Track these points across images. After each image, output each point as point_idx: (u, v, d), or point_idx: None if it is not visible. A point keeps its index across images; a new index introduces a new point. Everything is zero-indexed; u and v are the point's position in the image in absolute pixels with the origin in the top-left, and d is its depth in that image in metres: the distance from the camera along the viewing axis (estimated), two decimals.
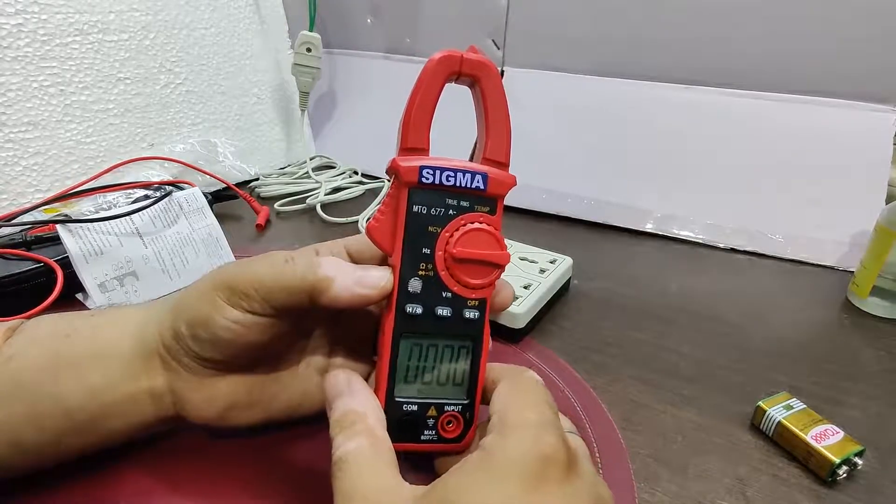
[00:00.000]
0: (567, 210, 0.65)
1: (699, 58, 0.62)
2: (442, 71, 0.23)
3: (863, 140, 0.56)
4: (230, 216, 0.63)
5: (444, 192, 0.23)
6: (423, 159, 0.23)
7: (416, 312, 0.23)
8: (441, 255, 0.23)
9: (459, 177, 0.23)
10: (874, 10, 0.53)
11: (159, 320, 0.26)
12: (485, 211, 0.24)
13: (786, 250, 0.56)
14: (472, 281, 0.24)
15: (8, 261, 0.43)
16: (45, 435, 0.25)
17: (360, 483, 0.20)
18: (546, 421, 0.20)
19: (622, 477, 0.30)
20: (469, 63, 0.23)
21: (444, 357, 0.24)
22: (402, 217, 0.23)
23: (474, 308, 0.24)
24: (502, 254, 0.24)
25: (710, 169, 0.61)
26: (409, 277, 0.23)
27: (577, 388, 0.37)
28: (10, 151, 0.53)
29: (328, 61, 0.83)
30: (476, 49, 0.24)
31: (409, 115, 0.23)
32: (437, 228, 0.23)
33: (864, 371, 0.40)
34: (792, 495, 0.30)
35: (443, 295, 0.24)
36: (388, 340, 0.23)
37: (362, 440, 0.21)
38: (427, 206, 0.23)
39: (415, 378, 0.24)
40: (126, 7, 0.60)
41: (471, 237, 0.23)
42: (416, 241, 0.23)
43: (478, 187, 0.23)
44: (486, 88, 0.24)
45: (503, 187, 0.24)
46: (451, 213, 0.23)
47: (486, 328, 0.24)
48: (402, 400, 0.23)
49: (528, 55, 0.72)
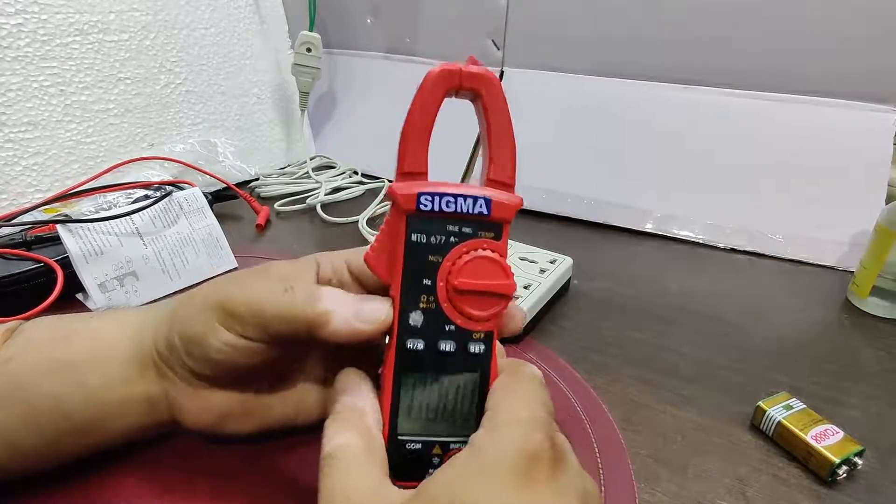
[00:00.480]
0: (567, 210, 0.65)
1: (699, 58, 0.62)
2: (440, 86, 0.22)
3: (863, 140, 0.56)
4: (230, 216, 0.63)
5: (445, 219, 0.22)
6: (422, 185, 0.22)
7: (417, 348, 0.22)
8: (443, 285, 0.22)
9: (460, 202, 0.22)
10: (874, 10, 0.53)
11: (155, 327, 0.26)
12: (489, 237, 0.22)
13: (786, 250, 0.56)
14: (477, 313, 0.22)
15: (8, 261, 0.43)
16: (44, 436, 0.25)
17: (346, 482, 0.19)
18: (536, 419, 0.20)
19: (622, 477, 0.30)
20: (469, 77, 0.22)
21: (448, 392, 0.23)
22: (401, 246, 0.22)
23: (479, 341, 0.23)
24: (507, 283, 0.22)
25: (709, 169, 0.61)
26: (410, 310, 0.22)
27: (577, 388, 0.37)
28: (10, 151, 0.53)
29: (328, 61, 0.83)
30: (475, 60, 0.23)
31: (405, 138, 0.22)
32: (439, 258, 0.22)
33: (864, 371, 0.40)
34: (792, 495, 0.30)
35: (446, 328, 0.22)
36: (388, 376, 0.22)
37: (354, 436, 0.21)
38: (427, 234, 0.22)
39: (418, 415, 0.23)
40: (126, 7, 0.60)
41: (474, 266, 0.22)
42: (417, 272, 0.22)
43: (480, 213, 0.22)
44: (488, 103, 0.22)
45: (508, 211, 0.22)
46: (452, 240, 0.22)
47: (493, 361, 0.23)
48: (406, 438, 0.22)
49: (528, 55, 0.72)
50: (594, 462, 0.31)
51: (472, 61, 0.22)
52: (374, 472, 0.20)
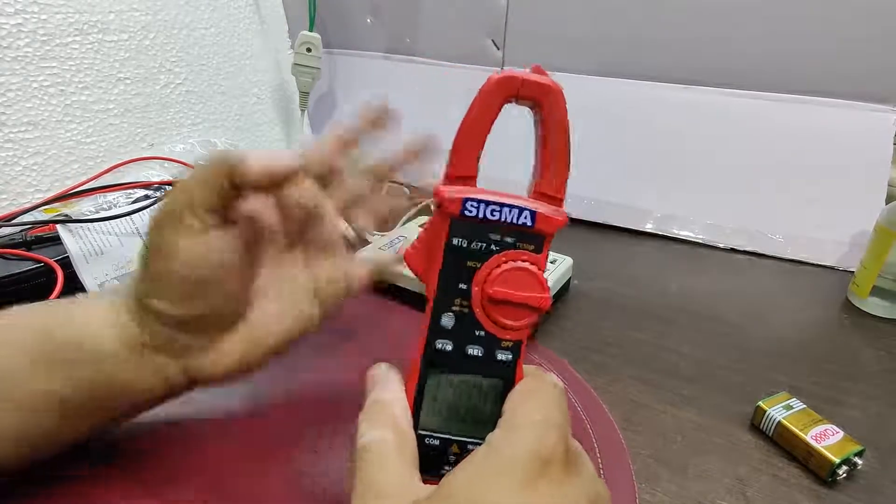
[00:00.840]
0: (567, 210, 0.65)
1: (699, 58, 0.62)
2: (499, 93, 0.22)
3: (863, 140, 0.56)
4: None
5: (488, 227, 0.22)
6: (469, 190, 0.22)
7: (445, 349, 0.23)
8: (477, 290, 0.22)
9: (505, 212, 0.22)
10: (874, 10, 0.53)
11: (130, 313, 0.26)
12: (529, 249, 0.22)
13: (786, 250, 0.56)
14: (508, 322, 0.22)
15: (8, 261, 0.43)
16: (42, 426, 0.25)
17: (381, 475, 0.20)
18: (550, 421, 0.20)
19: (622, 477, 0.30)
20: (529, 86, 0.22)
21: (471, 395, 0.23)
22: (441, 248, 0.22)
23: (507, 350, 0.23)
24: (542, 297, 0.22)
25: (709, 169, 0.61)
26: (443, 312, 0.22)
27: (578, 388, 0.37)
28: (10, 151, 0.53)
29: (328, 61, 0.83)
30: (541, 69, 0.22)
31: (458, 140, 0.22)
32: (477, 264, 0.22)
33: (864, 371, 0.40)
34: (792, 495, 0.30)
35: (475, 333, 0.23)
36: (415, 373, 0.23)
37: (387, 432, 0.21)
38: (468, 239, 0.22)
39: (440, 413, 0.23)
40: (126, 7, 0.60)
41: (511, 276, 0.22)
42: (453, 276, 0.22)
43: (524, 224, 0.22)
44: (548, 115, 0.22)
45: (553, 225, 0.22)
46: (493, 248, 0.22)
47: (519, 370, 0.23)
48: (425, 433, 0.23)
49: (528, 55, 0.72)
50: (595, 462, 0.30)
51: (537, 70, 0.22)
52: (406, 466, 0.21)
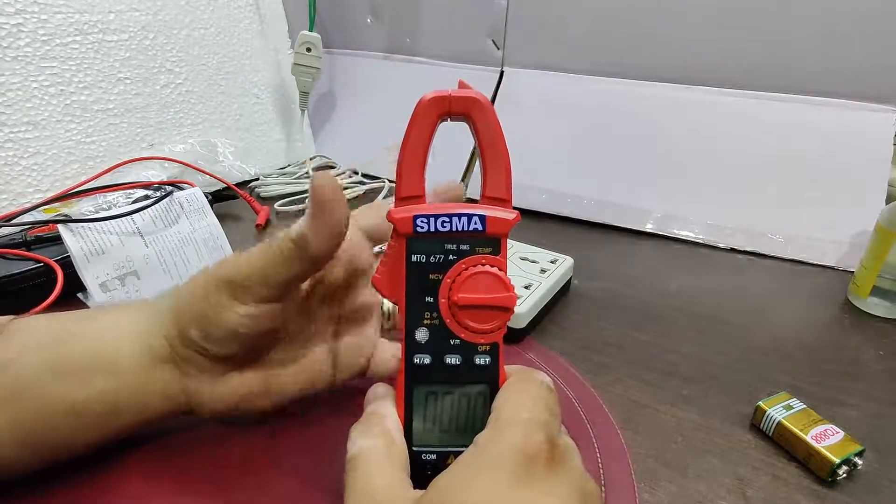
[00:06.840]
0: (567, 210, 0.65)
1: (699, 58, 0.62)
2: (432, 113, 0.23)
3: (863, 140, 0.56)
4: (230, 216, 0.63)
5: (442, 238, 0.23)
6: (418, 208, 0.23)
7: (424, 362, 0.23)
8: (444, 301, 0.23)
9: (455, 221, 0.23)
10: (874, 10, 0.53)
11: (161, 325, 0.27)
12: (487, 252, 0.23)
13: (786, 250, 0.56)
14: (479, 326, 0.23)
15: (8, 261, 0.43)
16: (58, 432, 0.26)
17: (368, 482, 0.20)
18: (537, 419, 0.21)
19: (622, 477, 0.30)
20: (458, 101, 0.23)
21: (458, 404, 0.24)
22: (403, 267, 0.23)
23: (485, 353, 0.23)
24: (507, 296, 0.23)
25: (709, 169, 0.61)
26: (416, 327, 0.23)
27: (578, 388, 0.37)
28: (10, 151, 0.53)
29: (328, 61, 0.83)
30: (465, 84, 0.23)
31: (401, 164, 0.23)
32: (439, 276, 0.23)
33: (864, 371, 0.40)
34: (792, 495, 0.30)
35: (451, 342, 0.23)
36: (401, 391, 0.23)
37: (378, 440, 0.22)
38: (426, 254, 0.23)
39: (431, 427, 0.23)
40: (126, 7, 0.60)
41: (474, 281, 0.23)
42: (419, 291, 0.23)
43: (476, 229, 0.23)
44: (480, 124, 0.23)
45: (504, 226, 0.23)
46: (451, 258, 0.23)
47: (500, 371, 0.24)
48: (419, 450, 0.23)
49: (528, 55, 0.72)
50: (594, 462, 0.31)
51: (462, 85, 0.23)
52: (395, 471, 0.21)
